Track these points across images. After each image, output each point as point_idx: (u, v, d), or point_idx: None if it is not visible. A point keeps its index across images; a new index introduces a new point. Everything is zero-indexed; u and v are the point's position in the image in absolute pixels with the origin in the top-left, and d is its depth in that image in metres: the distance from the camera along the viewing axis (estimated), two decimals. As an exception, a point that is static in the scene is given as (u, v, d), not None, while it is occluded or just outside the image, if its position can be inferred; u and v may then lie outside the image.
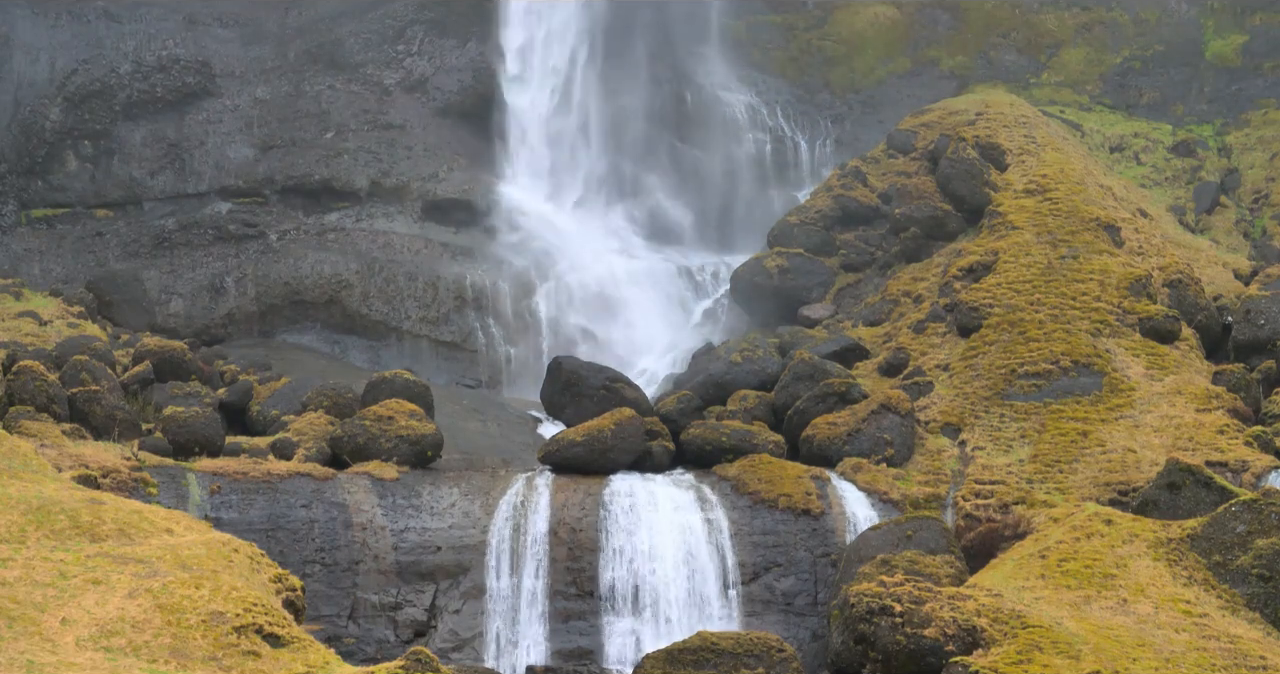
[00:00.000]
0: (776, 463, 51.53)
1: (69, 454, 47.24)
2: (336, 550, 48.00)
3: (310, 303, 69.51)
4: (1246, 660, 40.55)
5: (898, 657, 40.64)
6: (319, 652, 36.13)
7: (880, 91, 78.70)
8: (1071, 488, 50.36)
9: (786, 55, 79.36)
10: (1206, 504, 46.40)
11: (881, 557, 47.00)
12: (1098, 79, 78.39)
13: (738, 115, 76.25)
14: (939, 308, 59.75)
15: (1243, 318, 57.25)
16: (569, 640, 48.03)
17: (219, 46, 73.39)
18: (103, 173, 71.34)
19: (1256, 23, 78.41)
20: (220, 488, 48.17)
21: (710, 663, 41.56)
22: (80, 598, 35.72)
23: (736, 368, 57.10)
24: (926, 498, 50.97)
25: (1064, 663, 39.43)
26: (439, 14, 74.84)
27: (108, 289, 65.84)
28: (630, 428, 52.03)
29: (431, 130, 73.53)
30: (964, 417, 54.26)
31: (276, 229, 70.88)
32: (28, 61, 71.71)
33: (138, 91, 71.89)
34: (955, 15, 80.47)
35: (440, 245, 71.16)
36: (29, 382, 49.72)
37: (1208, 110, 76.45)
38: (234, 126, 72.55)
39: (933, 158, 67.84)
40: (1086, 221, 61.47)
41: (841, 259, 66.47)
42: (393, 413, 51.63)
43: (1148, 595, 42.96)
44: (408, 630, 47.81)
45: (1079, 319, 56.85)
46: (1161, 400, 53.69)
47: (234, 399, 54.87)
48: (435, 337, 69.12)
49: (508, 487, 50.18)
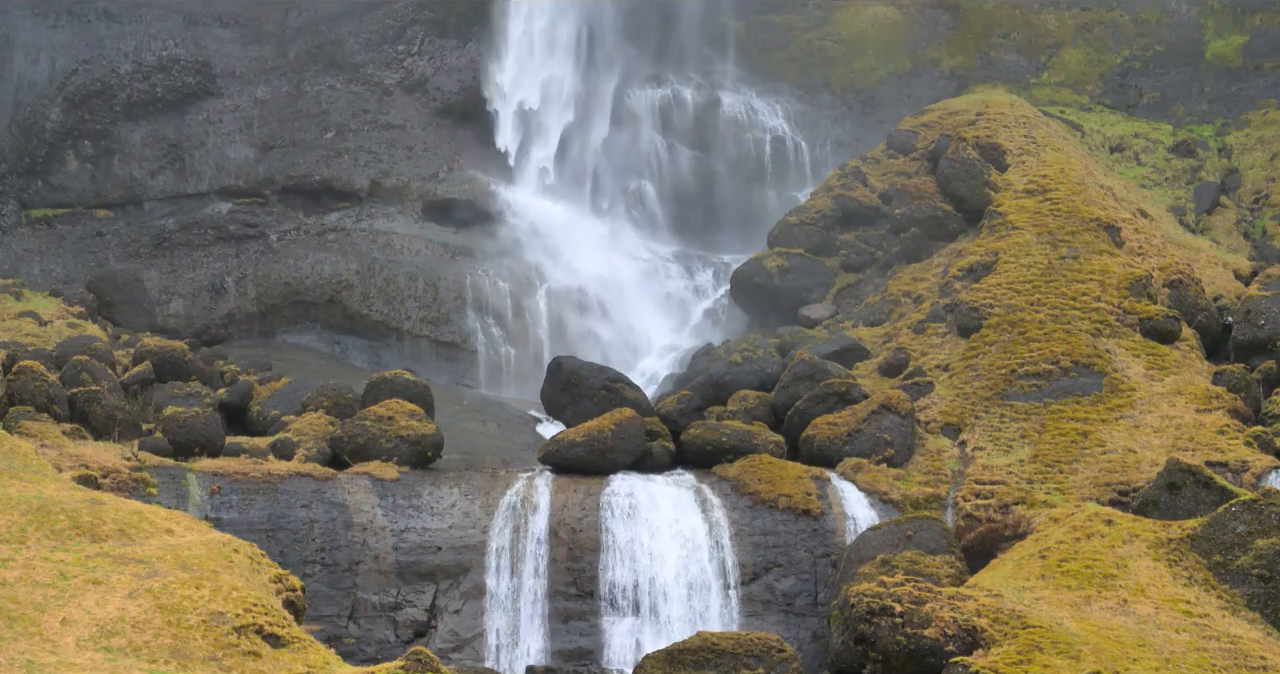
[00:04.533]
0: (777, 463, 51.52)
1: (69, 454, 47.23)
2: (337, 551, 47.98)
3: (310, 303, 69.51)
4: (1247, 661, 40.55)
5: (898, 657, 40.65)
6: (319, 652, 36.14)
7: (880, 92, 78.66)
8: (1072, 488, 50.35)
9: (787, 55, 79.34)
10: (1206, 504, 46.39)
11: (882, 557, 47.00)
12: (1098, 79, 78.35)
13: (738, 115, 76.22)
14: (939, 308, 59.74)
15: (1243, 318, 57.23)
16: (569, 640, 48.02)
17: (219, 46, 73.36)
18: (103, 173, 71.31)
19: (1256, 23, 78.38)
20: (220, 488, 48.16)
21: (710, 663, 41.54)
22: (80, 598, 35.72)
23: (736, 368, 57.08)
24: (926, 498, 50.96)
25: (1064, 663, 39.42)
26: (439, 14, 74.81)
27: (108, 289, 65.82)
28: (630, 428, 52.01)
29: (431, 130, 73.52)
30: (964, 417, 54.25)
31: (277, 229, 70.87)
32: (28, 61, 71.68)
33: (138, 91, 71.86)
34: (955, 15, 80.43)
35: (440, 245, 71.14)
36: (29, 382, 49.72)
37: (1208, 110, 76.42)
38: (234, 127, 72.53)
39: (933, 158, 67.81)
40: (1087, 222, 61.46)
41: (841, 259, 66.45)
42: (393, 413, 51.62)
43: (1148, 596, 42.95)
44: (408, 631, 47.79)
45: (1079, 319, 56.84)
46: (1162, 401, 53.68)
47: (234, 399, 54.87)
48: (435, 337, 69.09)
49: (508, 487, 50.17)
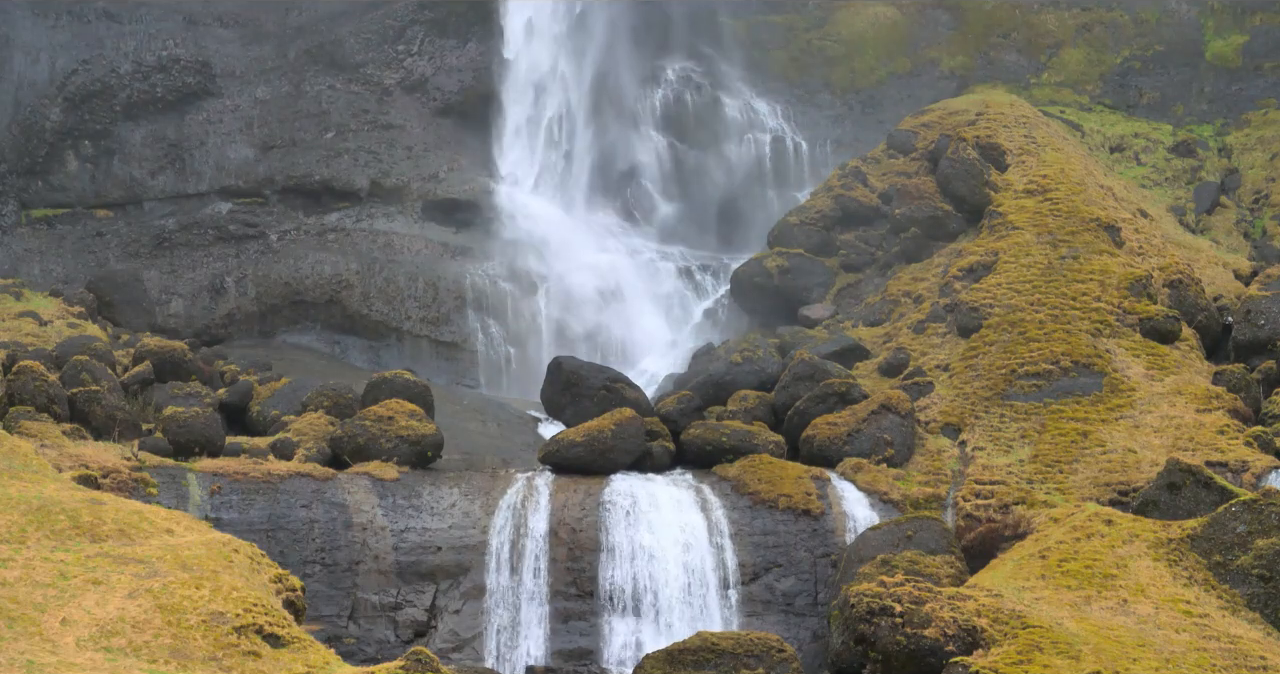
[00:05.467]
0: (777, 463, 51.51)
1: (69, 454, 47.23)
2: (337, 551, 47.98)
3: (310, 303, 69.50)
4: (1247, 661, 40.54)
5: (898, 657, 40.64)
6: (319, 652, 36.14)
7: (880, 92, 78.65)
8: (1072, 488, 50.34)
9: (787, 55, 79.33)
10: (1206, 504, 46.38)
11: (882, 557, 46.99)
12: (1098, 79, 78.35)
13: (738, 115, 76.23)
14: (939, 308, 59.74)
15: (1243, 318, 57.22)
16: (569, 640, 48.02)
17: (219, 46, 73.35)
18: (103, 173, 71.31)
19: (1256, 23, 78.36)
20: (220, 488, 48.16)
21: (710, 663, 41.54)
22: (80, 598, 35.72)
23: (736, 368, 57.08)
24: (926, 498, 50.95)
25: (1064, 663, 39.42)
26: (439, 14, 74.80)
27: (108, 289, 65.83)
28: (630, 428, 52.00)
29: (431, 130, 73.51)
30: (964, 417, 54.25)
31: (277, 229, 70.87)
32: (28, 61, 71.67)
33: (138, 91, 71.85)
34: (955, 15, 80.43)
35: (440, 245, 71.14)
36: (29, 382, 49.72)
37: (1208, 110, 76.41)
38: (234, 126, 72.52)
39: (933, 158, 67.80)
40: (1087, 222, 61.46)
41: (841, 259, 66.45)
42: (393, 413, 51.61)
43: (1148, 596, 42.95)
44: (408, 631, 47.79)
45: (1079, 319, 56.84)
46: (1162, 401, 53.67)
47: (234, 399, 54.87)
48: (435, 337, 69.09)
49: (508, 487, 50.17)
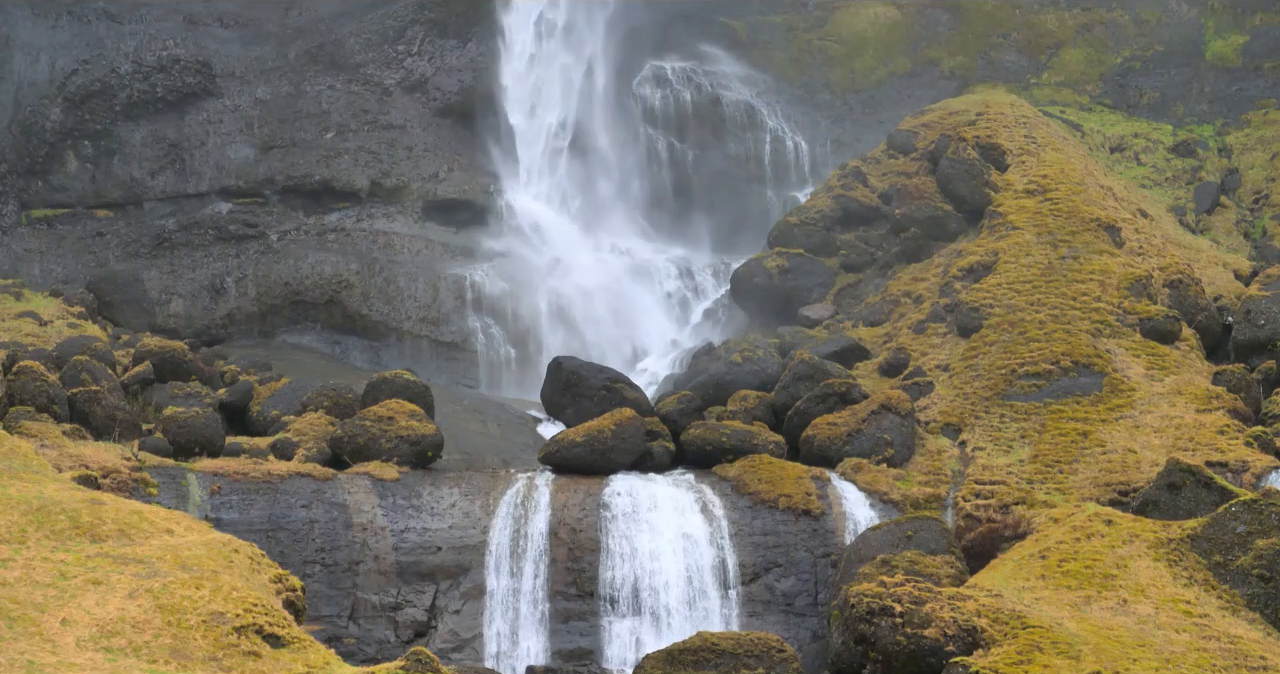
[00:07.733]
0: (777, 463, 51.51)
1: (69, 454, 47.23)
2: (337, 551, 47.97)
3: (310, 303, 69.48)
4: (1247, 661, 40.53)
5: (898, 657, 40.62)
6: (319, 652, 36.13)
7: (880, 92, 78.65)
8: (1072, 488, 50.34)
9: (787, 55, 79.33)
10: (1207, 504, 46.38)
11: (882, 557, 46.98)
12: (1098, 79, 78.34)
13: (738, 115, 76.23)
14: (939, 308, 59.73)
15: (1243, 318, 57.23)
16: (569, 641, 48.02)
17: (219, 46, 73.35)
18: (103, 173, 71.30)
19: (1256, 23, 78.36)
20: (220, 488, 48.15)
21: (710, 663, 41.53)
22: (80, 598, 35.72)
23: (737, 368, 57.07)
24: (927, 498, 50.94)
25: (1064, 663, 39.41)
26: (439, 14, 74.80)
27: (108, 289, 65.84)
28: (630, 428, 52.00)
29: (431, 130, 73.50)
30: (964, 417, 54.24)
31: (277, 229, 70.86)
32: (28, 61, 71.67)
33: (138, 91, 71.84)
34: (955, 15, 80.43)
35: (440, 245, 71.15)
36: (29, 382, 49.72)
37: (1208, 110, 76.40)
38: (234, 127, 72.50)
39: (933, 158, 67.79)
40: (1087, 222, 61.46)
41: (842, 259, 66.45)
42: (393, 413, 51.60)
43: (1148, 596, 42.94)
44: (408, 631, 47.79)
45: (1079, 319, 56.84)
46: (1162, 401, 53.67)
47: (234, 399, 54.86)
48: (435, 337, 69.08)
49: (508, 487, 50.16)
